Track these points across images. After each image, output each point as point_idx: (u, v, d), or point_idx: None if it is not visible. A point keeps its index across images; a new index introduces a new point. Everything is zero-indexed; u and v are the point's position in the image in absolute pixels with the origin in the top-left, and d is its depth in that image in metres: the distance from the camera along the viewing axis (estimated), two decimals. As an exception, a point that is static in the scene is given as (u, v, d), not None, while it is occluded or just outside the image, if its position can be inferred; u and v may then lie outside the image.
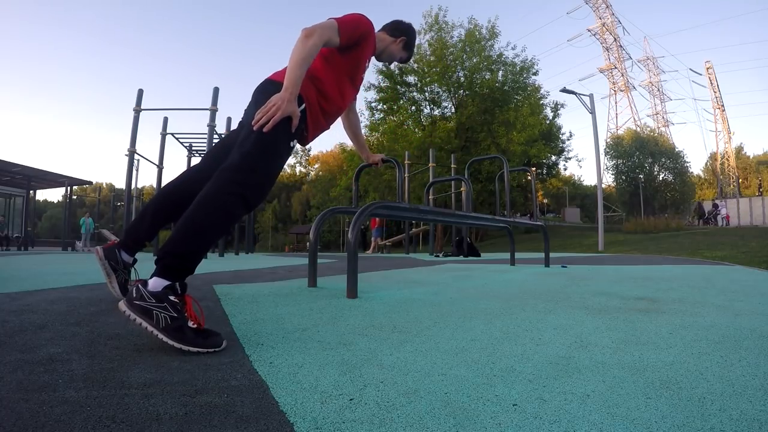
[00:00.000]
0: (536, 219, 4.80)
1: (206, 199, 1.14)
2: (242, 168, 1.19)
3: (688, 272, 3.36)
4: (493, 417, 0.65)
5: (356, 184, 2.87)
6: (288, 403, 0.70)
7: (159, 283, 1.01)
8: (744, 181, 36.75)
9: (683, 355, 0.98)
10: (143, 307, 0.97)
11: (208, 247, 1.14)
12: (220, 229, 1.15)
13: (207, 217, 1.12)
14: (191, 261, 1.08)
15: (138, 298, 0.98)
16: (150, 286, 1.00)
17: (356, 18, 1.49)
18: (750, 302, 1.76)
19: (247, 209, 1.22)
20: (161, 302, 0.98)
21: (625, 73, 36.48)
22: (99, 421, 0.62)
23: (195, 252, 1.09)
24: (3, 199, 16.92)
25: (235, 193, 1.16)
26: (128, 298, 0.99)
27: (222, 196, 1.14)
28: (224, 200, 1.14)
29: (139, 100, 7.73)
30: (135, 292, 0.99)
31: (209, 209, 1.13)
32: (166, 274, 1.03)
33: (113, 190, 25.95)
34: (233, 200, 1.16)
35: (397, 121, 21.03)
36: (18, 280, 2.38)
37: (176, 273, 1.04)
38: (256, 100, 1.38)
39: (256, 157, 1.22)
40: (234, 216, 1.18)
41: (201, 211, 1.12)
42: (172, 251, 1.05)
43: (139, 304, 0.97)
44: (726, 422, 0.63)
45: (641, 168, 26.35)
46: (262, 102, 1.32)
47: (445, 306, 1.66)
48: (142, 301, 0.98)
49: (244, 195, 1.18)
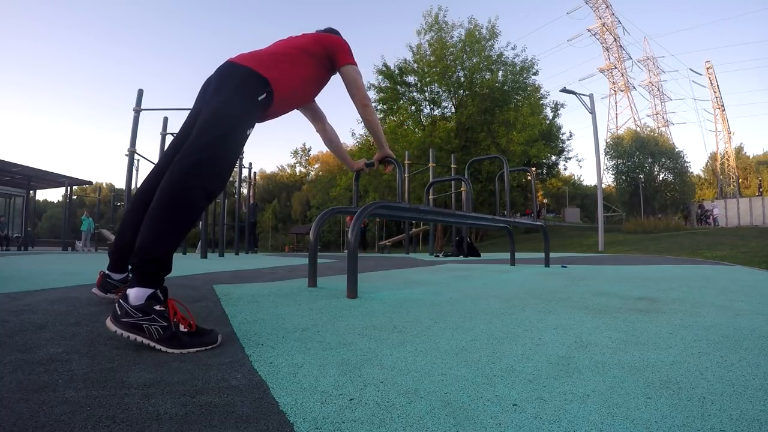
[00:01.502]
0: (536, 219, 4.79)
1: (168, 193, 1.10)
2: (202, 160, 1.15)
3: (688, 272, 3.36)
4: (493, 417, 0.65)
5: (356, 184, 2.87)
6: (288, 403, 0.70)
7: (141, 294, 0.99)
8: (744, 181, 36.74)
9: (683, 355, 0.98)
10: (132, 324, 0.96)
11: (178, 243, 1.12)
12: (188, 224, 1.14)
13: (173, 212, 1.09)
14: (167, 262, 1.07)
15: (123, 315, 0.97)
16: (132, 299, 0.98)
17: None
18: (750, 302, 1.76)
19: (209, 201, 1.20)
20: (148, 315, 0.97)
21: (625, 73, 36.49)
22: (99, 421, 0.62)
23: (170, 252, 1.08)
24: (3, 199, 16.92)
25: (197, 186, 1.13)
26: (114, 317, 0.97)
27: (183, 188, 1.11)
28: (186, 193, 1.11)
29: (139, 100, 7.73)
30: (119, 309, 0.97)
31: (174, 203, 1.10)
32: (147, 282, 1.01)
33: (113, 190, 25.93)
34: (195, 192, 1.13)
35: (397, 121, 21.01)
36: (18, 280, 2.38)
37: (156, 278, 1.03)
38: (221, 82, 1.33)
39: (217, 148, 1.19)
40: (200, 210, 1.16)
41: (166, 208, 1.09)
42: (147, 257, 1.03)
43: (126, 321, 0.96)
44: (726, 422, 0.63)
45: (641, 168, 26.37)
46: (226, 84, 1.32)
47: (445, 306, 1.66)
48: (129, 317, 0.96)
49: (206, 188, 1.15)
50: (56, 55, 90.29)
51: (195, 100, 1.43)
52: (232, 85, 1.32)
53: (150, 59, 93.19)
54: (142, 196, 1.34)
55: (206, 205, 1.19)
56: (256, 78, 1.37)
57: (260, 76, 1.37)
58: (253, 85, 1.36)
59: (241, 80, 1.34)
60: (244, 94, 1.33)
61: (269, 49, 1.51)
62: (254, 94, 1.35)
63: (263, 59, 1.42)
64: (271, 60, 1.43)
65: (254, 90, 1.35)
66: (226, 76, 1.36)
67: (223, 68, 1.39)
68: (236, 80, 1.34)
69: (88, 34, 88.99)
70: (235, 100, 1.30)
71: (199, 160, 1.15)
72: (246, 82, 1.35)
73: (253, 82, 1.36)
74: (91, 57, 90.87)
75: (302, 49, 1.54)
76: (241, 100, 1.31)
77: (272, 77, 1.39)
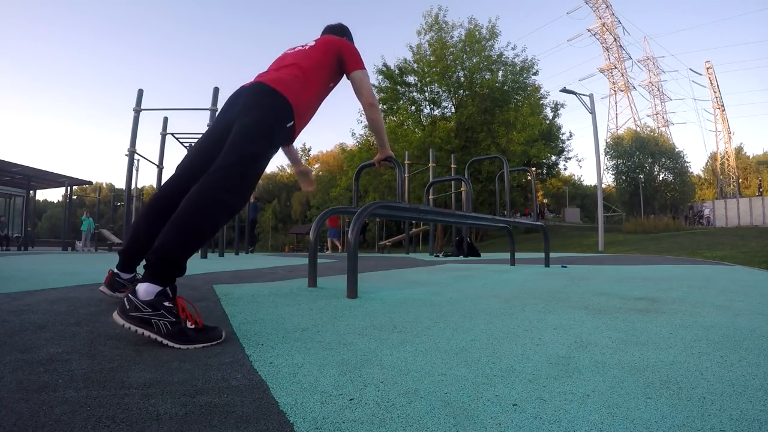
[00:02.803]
0: (537, 219, 4.79)
1: (197, 203, 1.14)
2: (233, 176, 1.20)
3: (688, 272, 3.36)
4: (493, 417, 0.65)
5: (356, 184, 2.87)
6: (288, 403, 0.70)
7: (151, 290, 1.00)
8: (744, 181, 36.73)
9: (683, 355, 0.98)
10: (141, 318, 0.97)
11: (196, 250, 1.15)
12: (209, 233, 1.17)
13: (199, 222, 1.13)
14: (182, 266, 1.09)
15: (132, 309, 0.97)
16: (141, 294, 0.99)
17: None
18: (750, 302, 1.76)
19: (231, 216, 1.24)
20: (157, 310, 0.98)
21: (625, 73, 36.48)
22: (99, 421, 0.62)
23: (186, 255, 1.10)
24: (3, 199, 16.92)
25: (224, 200, 1.18)
26: (122, 310, 0.98)
27: (212, 202, 1.15)
28: (214, 206, 1.15)
29: (139, 100, 7.73)
30: (128, 304, 0.98)
31: (202, 213, 1.13)
32: (158, 280, 1.02)
33: (113, 190, 25.95)
34: (221, 207, 1.17)
35: (397, 121, 21.02)
36: (18, 280, 2.38)
37: (168, 278, 1.04)
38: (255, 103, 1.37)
39: (247, 167, 1.24)
40: (221, 222, 1.20)
41: (193, 216, 1.12)
42: (166, 257, 1.05)
43: (135, 315, 0.97)
44: (726, 422, 0.63)
45: (641, 168, 26.36)
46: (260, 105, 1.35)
47: (445, 306, 1.66)
48: (138, 311, 0.97)
49: (231, 203, 1.20)
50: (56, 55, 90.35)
51: (222, 110, 1.46)
52: (266, 107, 1.37)
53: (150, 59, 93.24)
54: (160, 200, 1.38)
55: (228, 220, 1.24)
56: (287, 106, 1.43)
57: (289, 105, 1.44)
58: (285, 113, 1.43)
59: (275, 104, 1.40)
60: (277, 119, 1.40)
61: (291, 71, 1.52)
62: (285, 121, 1.42)
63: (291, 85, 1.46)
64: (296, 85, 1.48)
65: (286, 117, 1.43)
66: (261, 97, 1.40)
67: (257, 88, 1.43)
68: (270, 103, 1.39)
69: (88, 34, 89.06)
70: (269, 123, 1.36)
71: (230, 175, 1.20)
72: (279, 107, 1.41)
73: (285, 110, 1.43)
74: (91, 57, 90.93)
75: (319, 67, 1.59)
76: (274, 124, 1.38)
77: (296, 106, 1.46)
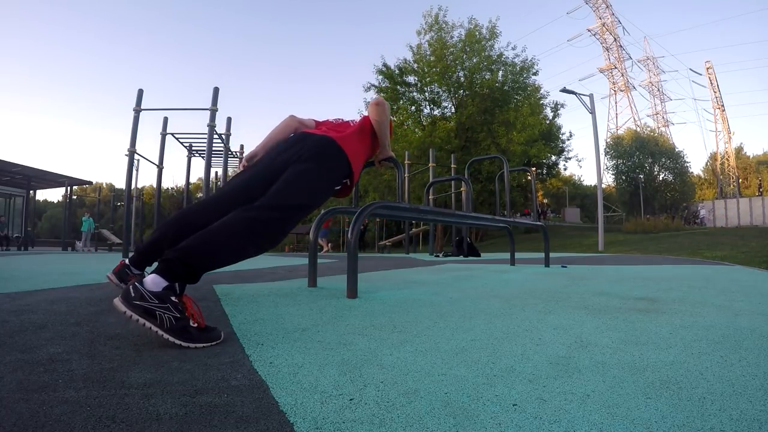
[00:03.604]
0: (537, 219, 4.79)
1: (234, 227, 1.15)
2: (275, 217, 1.23)
3: (688, 272, 3.36)
4: (493, 417, 0.65)
5: (356, 184, 2.87)
6: (288, 403, 0.70)
7: (159, 282, 0.99)
8: (744, 181, 36.73)
9: (683, 355, 0.98)
10: (145, 308, 0.95)
11: (213, 268, 1.16)
12: (232, 257, 1.17)
13: (227, 242, 1.14)
14: (196, 274, 1.08)
15: (138, 297, 0.95)
16: (149, 285, 0.97)
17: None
18: (750, 302, 1.76)
19: (257, 253, 1.25)
20: (164, 303, 0.97)
21: (625, 73, 36.50)
22: (99, 421, 0.62)
23: (203, 268, 1.10)
24: (3, 199, 16.92)
25: (258, 235, 1.20)
26: (126, 297, 0.95)
27: (247, 233, 1.17)
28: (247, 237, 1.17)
29: (139, 100, 7.73)
30: (133, 291, 0.95)
31: (234, 237, 1.14)
32: (168, 276, 1.01)
33: (113, 190, 25.89)
34: (253, 241, 1.19)
35: (397, 121, 20.99)
36: (18, 280, 2.38)
37: (178, 278, 1.03)
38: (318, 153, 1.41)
39: (291, 213, 1.27)
40: (246, 254, 1.21)
41: (224, 234, 1.13)
42: (184, 259, 1.04)
43: (140, 305, 0.95)
44: (726, 422, 0.63)
45: (641, 168, 26.38)
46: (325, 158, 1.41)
47: (445, 306, 1.66)
48: (143, 301, 0.95)
49: (263, 239, 1.22)
50: (56, 54, 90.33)
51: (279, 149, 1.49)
52: (329, 163, 1.44)
53: (150, 59, 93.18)
54: (194, 214, 1.41)
55: (252, 255, 1.25)
56: (347, 169, 1.52)
57: (350, 167, 1.52)
58: (342, 173, 1.52)
59: (339, 163, 1.48)
60: (334, 177, 1.47)
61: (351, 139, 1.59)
62: (339, 181, 1.51)
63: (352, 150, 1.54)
64: (355, 152, 1.56)
65: (341, 176, 1.52)
66: (326, 150, 1.45)
67: (325, 141, 1.48)
68: (334, 160, 1.46)
69: (88, 33, 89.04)
70: (326, 178, 1.42)
71: (272, 218, 1.23)
72: (340, 167, 1.49)
73: (343, 170, 1.51)
74: (92, 57, 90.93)
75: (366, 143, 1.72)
76: (329, 181, 1.45)
77: (355, 170, 1.55)
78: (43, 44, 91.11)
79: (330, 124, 1.73)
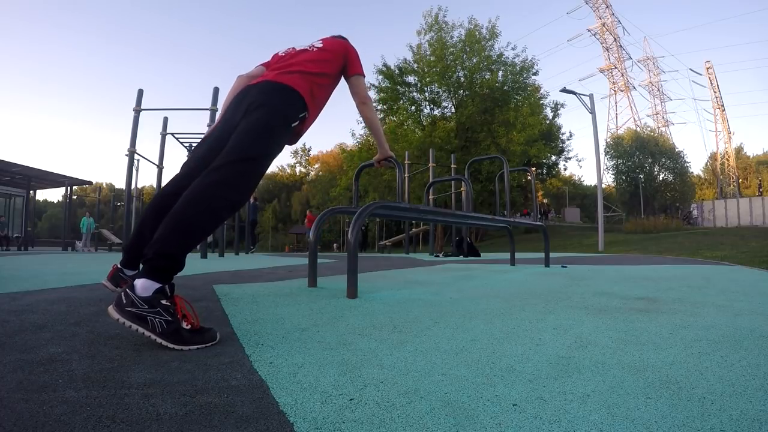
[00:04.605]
0: (537, 219, 4.79)
1: (196, 197, 1.12)
2: (235, 174, 1.18)
3: (688, 272, 3.36)
4: (493, 417, 0.65)
5: (356, 184, 2.87)
6: (288, 403, 0.70)
7: (149, 286, 0.99)
8: (744, 181, 36.75)
9: (683, 355, 0.98)
10: (136, 314, 0.95)
11: (194, 245, 1.13)
12: (207, 229, 1.15)
13: (196, 216, 1.11)
14: (179, 260, 1.07)
15: (129, 304, 0.96)
16: (139, 290, 0.98)
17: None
18: (750, 302, 1.76)
19: (233, 212, 1.22)
20: (154, 307, 0.97)
21: (625, 73, 36.49)
22: (99, 421, 0.62)
23: (184, 251, 1.08)
24: (3, 199, 16.92)
25: (223, 196, 1.15)
26: (118, 304, 0.96)
27: (211, 196, 1.13)
28: (213, 201, 1.13)
29: (139, 100, 7.73)
30: (125, 298, 0.96)
31: (199, 208, 1.11)
32: (156, 276, 1.01)
33: (113, 190, 25.95)
34: (221, 202, 1.15)
35: (397, 121, 21.00)
36: (18, 280, 2.38)
37: (165, 274, 1.03)
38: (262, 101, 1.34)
39: (250, 164, 1.22)
40: (221, 218, 1.18)
41: (190, 210, 1.10)
42: (162, 251, 1.03)
43: (131, 311, 0.95)
44: (726, 422, 0.63)
45: (641, 168, 26.37)
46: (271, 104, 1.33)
47: (445, 306, 1.66)
48: (134, 307, 0.96)
49: (231, 198, 1.18)
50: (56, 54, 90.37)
51: (227, 109, 1.44)
52: (274, 105, 1.35)
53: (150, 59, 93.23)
54: (164, 198, 1.36)
55: (229, 215, 1.22)
56: (299, 101, 1.41)
57: (302, 100, 1.42)
58: (295, 109, 1.41)
59: (285, 101, 1.38)
60: (285, 117, 1.37)
61: (304, 67, 1.51)
62: (293, 119, 1.40)
63: (302, 82, 1.45)
64: (307, 82, 1.46)
65: (294, 113, 1.40)
66: (270, 95, 1.37)
67: (266, 86, 1.40)
68: (279, 100, 1.37)
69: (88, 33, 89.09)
70: (275, 122, 1.33)
71: (232, 173, 1.18)
72: (289, 104, 1.39)
73: (295, 106, 1.41)
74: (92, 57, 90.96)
75: (330, 71, 1.59)
76: (281, 123, 1.35)
77: (309, 102, 1.44)
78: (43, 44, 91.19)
79: (276, 59, 1.61)
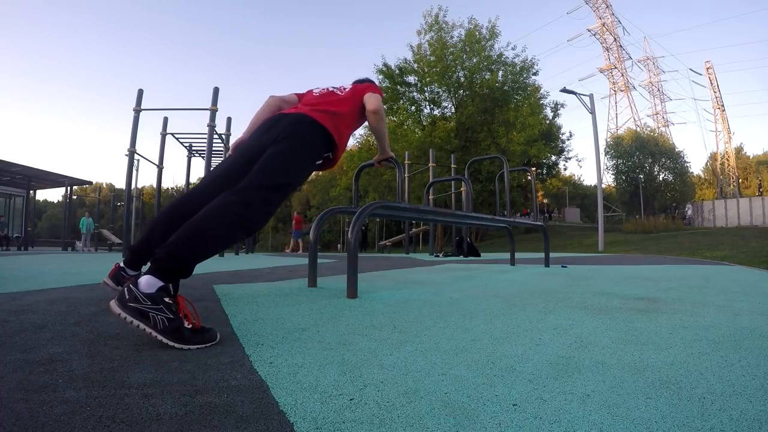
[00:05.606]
0: (536, 219, 4.80)
1: (218, 213, 1.15)
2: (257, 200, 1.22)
3: (688, 272, 3.36)
4: (493, 417, 0.65)
5: (356, 184, 2.87)
6: (288, 403, 0.70)
7: (153, 283, 0.99)
8: (744, 181, 36.73)
9: (683, 355, 0.98)
10: (138, 310, 0.95)
11: (205, 257, 1.15)
12: (220, 245, 1.17)
13: (214, 230, 1.14)
14: (189, 267, 1.08)
15: (132, 299, 0.96)
16: (143, 286, 0.98)
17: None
18: (750, 302, 1.76)
19: (247, 236, 1.26)
20: (157, 304, 0.97)
21: (625, 73, 36.48)
22: (99, 421, 0.62)
23: (195, 259, 1.10)
24: (3, 199, 16.92)
25: (243, 218, 1.19)
26: (120, 299, 0.96)
27: (232, 216, 1.17)
28: (232, 220, 1.17)
29: (139, 100, 7.73)
30: (128, 293, 0.96)
31: (219, 223, 1.14)
32: (161, 275, 1.02)
33: (113, 190, 25.94)
34: (239, 224, 1.19)
35: (397, 121, 20.99)
36: (18, 280, 2.38)
37: (171, 275, 1.04)
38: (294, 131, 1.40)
39: (273, 193, 1.27)
40: (235, 238, 1.21)
41: (211, 222, 1.13)
42: (174, 254, 1.04)
43: (133, 306, 0.95)
44: (726, 422, 0.63)
45: (641, 168, 26.38)
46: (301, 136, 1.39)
47: (445, 306, 1.66)
48: (137, 303, 0.96)
49: (249, 221, 1.21)
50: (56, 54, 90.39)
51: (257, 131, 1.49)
52: (304, 138, 1.41)
53: (150, 59, 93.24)
54: (181, 207, 1.40)
55: (241, 237, 1.25)
56: (327, 140, 1.49)
57: (331, 137, 1.49)
58: (323, 147, 1.48)
59: (313, 136, 1.44)
60: (313, 153, 1.44)
61: (334, 107, 1.57)
62: (318, 156, 1.47)
63: (334, 122, 1.51)
64: (337, 123, 1.53)
65: (320, 151, 1.48)
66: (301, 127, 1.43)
67: (299, 118, 1.45)
68: (311, 135, 1.43)
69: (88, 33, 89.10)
70: (305, 156, 1.40)
71: (258, 198, 1.23)
72: (318, 142, 1.45)
73: (323, 144, 1.48)
74: (92, 57, 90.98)
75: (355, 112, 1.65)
76: (308, 158, 1.42)
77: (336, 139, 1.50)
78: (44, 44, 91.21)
79: (311, 97, 1.66)
